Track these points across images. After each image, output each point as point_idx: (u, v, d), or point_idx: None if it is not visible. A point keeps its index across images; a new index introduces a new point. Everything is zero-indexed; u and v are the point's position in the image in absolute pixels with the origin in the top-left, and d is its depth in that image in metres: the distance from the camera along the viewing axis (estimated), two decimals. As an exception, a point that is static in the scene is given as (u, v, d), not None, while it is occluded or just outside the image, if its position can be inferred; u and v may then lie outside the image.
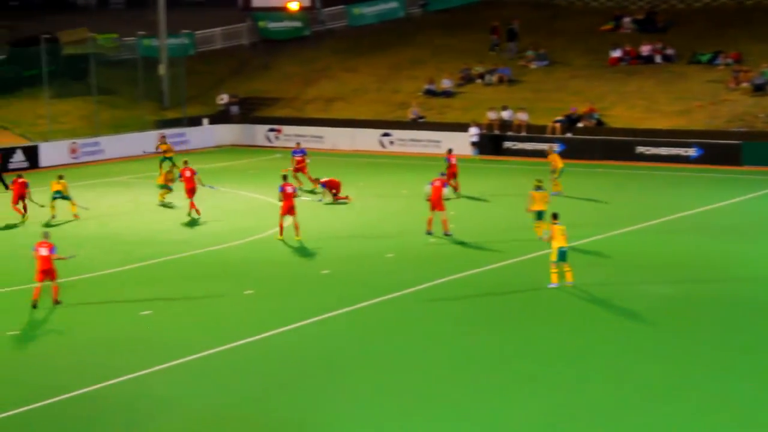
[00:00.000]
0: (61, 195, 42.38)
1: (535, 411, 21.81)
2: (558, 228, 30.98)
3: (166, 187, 45.86)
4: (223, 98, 68.30)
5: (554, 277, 30.96)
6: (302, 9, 74.47)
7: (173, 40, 68.50)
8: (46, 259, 29.44)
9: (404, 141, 62.42)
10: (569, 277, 30.98)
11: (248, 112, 68.17)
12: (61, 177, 43.15)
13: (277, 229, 37.98)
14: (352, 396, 22.92)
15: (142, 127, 62.77)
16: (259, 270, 34.17)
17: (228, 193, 46.71)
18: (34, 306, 29.39)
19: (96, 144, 59.47)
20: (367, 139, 62.92)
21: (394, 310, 29.43)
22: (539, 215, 36.55)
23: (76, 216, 42.42)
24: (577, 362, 24.70)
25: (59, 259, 29.91)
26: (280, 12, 74.77)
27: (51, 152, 56.95)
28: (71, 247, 35.18)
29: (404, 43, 72.45)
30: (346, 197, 45.52)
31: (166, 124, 63.96)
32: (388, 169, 56.10)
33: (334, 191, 45.59)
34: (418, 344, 26.41)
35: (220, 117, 67.24)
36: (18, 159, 55.11)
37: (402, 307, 29.68)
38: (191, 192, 42.21)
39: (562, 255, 30.92)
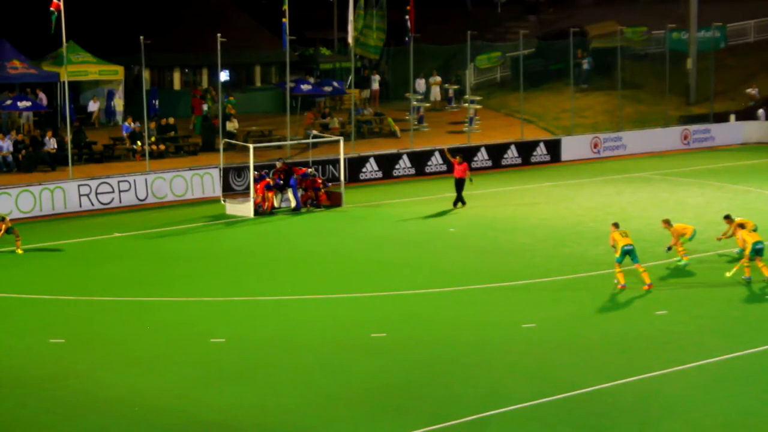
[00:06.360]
0: None
1: None
2: None
3: None
4: (753, 93, 66.11)
5: None
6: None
7: (704, 34, 67.18)
8: None
9: None
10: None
11: (778, 108, 65.59)
12: None
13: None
14: None
15: (666, 122, 61.93)
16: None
17: (751, 192, 44.98)
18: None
19: (618, 139, 59.19)
20: None
21: None
22: None
23: None
24: None
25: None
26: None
27: (572, 146, 57.29)
28: (588, 243, 35.58)
29: None
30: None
31: (691, 120, 62.79)
32: None
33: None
34: None
35: (748, 113, 65.06)
36: (540, 153, 55.82)
37: None
38: None
39: None
